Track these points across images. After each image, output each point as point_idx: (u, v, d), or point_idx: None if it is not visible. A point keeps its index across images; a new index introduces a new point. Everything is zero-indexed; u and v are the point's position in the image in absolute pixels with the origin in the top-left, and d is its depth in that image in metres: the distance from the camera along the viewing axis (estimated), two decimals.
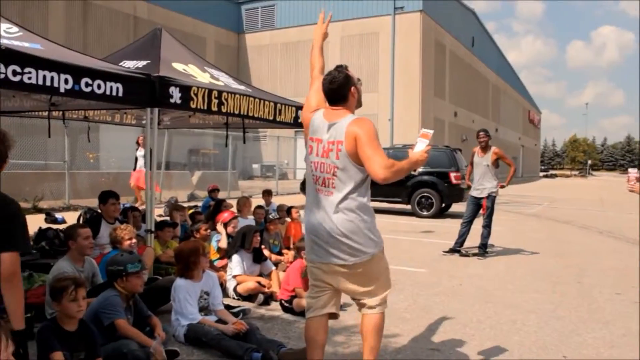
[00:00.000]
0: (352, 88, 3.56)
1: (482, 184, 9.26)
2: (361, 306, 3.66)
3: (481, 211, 9.29)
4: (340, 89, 3.53)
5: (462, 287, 6.98)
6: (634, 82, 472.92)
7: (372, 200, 3.67)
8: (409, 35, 29.66)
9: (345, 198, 3.39)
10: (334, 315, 3.72)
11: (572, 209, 20.46)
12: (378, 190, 10.63)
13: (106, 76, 5.27)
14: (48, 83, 4.70)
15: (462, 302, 6.22)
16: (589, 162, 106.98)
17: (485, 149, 9.31)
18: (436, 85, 32.42)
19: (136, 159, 14.29)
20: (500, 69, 50.42)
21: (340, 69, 3.57)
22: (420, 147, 3.42)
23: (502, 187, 9.47)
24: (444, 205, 16.07)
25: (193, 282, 4.71)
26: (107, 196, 6.25)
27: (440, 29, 32.62)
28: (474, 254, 9.23)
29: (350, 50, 30.75)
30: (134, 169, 14.33)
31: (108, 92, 5.28)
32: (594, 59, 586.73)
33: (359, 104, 3.67)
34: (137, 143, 14.27)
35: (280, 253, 7.81)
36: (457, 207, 15.67)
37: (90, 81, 5.08)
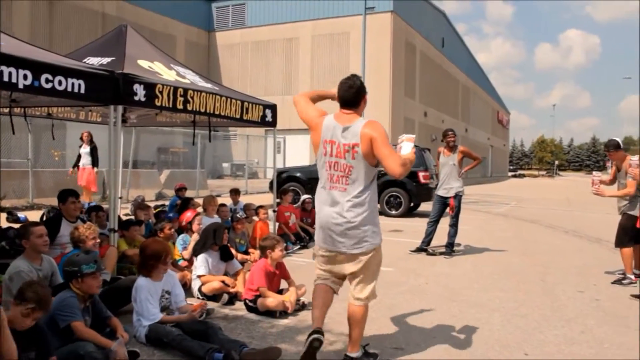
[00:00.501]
0: (365, 96, 3.98)
1: (449, 184, 9.31)
2: (352, 296, 4.05)
3: (448, 210, 9.35)
4: (357, 94, 3.92)
5: (428, 286, 7.02)
6: (599, 84, 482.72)
7: None
8: (379, 35, 29.79)
9: (358, 194, 3.81)
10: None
11: (539, 208, 20.77)
12: None
13: (68, 72, 5.17)
14: (6, 79, 4.59)
15: (427, 301, 6.25)
16: (556, 162, 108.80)
17: (452, 148, 9.36)
18: (406, 85, 32.62)
19: (79, 157, 13.59)
20: (470, 70, 50.95)
21: (357, 77, 3.98)
22: (408, 149, 3.80)
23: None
24: (412, 204, 16.15)
25: (154, 281, 4.65)
26: (66, 195, 6.13)
27: (410, 29, 32.82)
28: (441, 253, 9.28)
29: (321, 49, 30.78)
30: (74, 166, 13.64)
31: (69, 89, 5.18)
32: (561, 61, 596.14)
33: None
34: (81, 139, 13.58)
35: (246, 252, 7.77)
36: (426, 207, 15.76)
37: (50, 77, 4.99)
